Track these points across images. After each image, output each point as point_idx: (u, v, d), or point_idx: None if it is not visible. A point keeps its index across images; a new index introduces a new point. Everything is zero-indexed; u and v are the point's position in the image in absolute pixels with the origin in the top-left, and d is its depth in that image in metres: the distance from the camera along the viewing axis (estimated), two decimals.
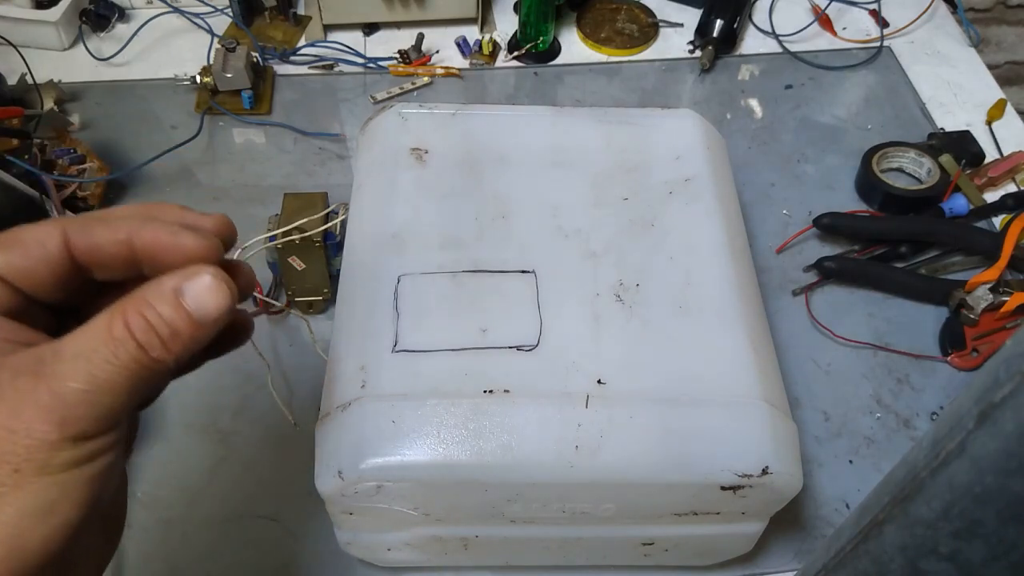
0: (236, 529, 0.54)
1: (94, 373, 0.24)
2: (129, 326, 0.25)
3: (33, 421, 0.23)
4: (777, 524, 0.50)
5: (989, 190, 0.74)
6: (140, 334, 0.25)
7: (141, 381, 0.25)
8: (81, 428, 0.24)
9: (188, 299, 0.26)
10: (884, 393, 0.62)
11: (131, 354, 0.25)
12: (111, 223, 0.28)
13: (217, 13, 0.84)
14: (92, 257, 0.27)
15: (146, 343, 0.25)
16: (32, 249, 0.26)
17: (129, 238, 0.27)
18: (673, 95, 0.83)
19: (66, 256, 0.27)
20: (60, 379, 0.24)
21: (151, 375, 0.25)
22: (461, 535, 0.47)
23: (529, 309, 0.47)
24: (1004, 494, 0.21)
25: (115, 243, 0.27)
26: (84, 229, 0.27)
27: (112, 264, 0.28)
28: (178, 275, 0.26)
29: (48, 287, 0.27)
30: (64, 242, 0.27)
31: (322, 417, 0.44)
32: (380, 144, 0.56)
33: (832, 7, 0.88)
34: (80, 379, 0.24)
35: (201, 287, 0.26)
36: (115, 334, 0.25)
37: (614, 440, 0.42)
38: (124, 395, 0.25)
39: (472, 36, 0.85)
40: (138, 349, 0.25)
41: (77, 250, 0.27)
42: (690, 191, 0.54)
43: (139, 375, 0.25)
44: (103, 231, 0.27)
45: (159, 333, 0.25)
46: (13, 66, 0.74)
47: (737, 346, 0.46)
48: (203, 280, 0.26)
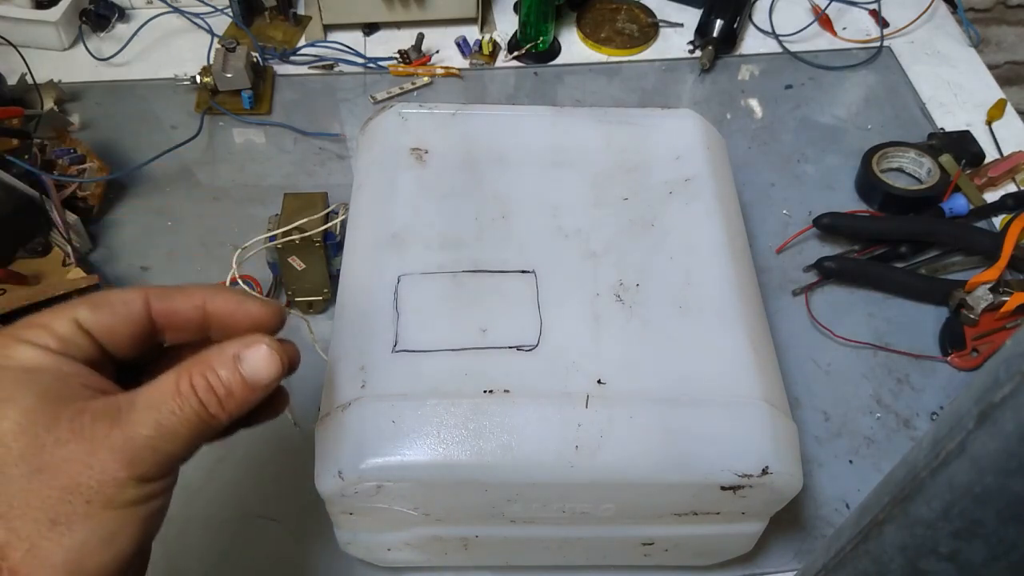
0: (236, 529, 0.54)
1: (161, 423, 0.28)
2: (193, 384, 0.29)
3: (107, 460, 0.27)
4: (777, 524, 0.50)
5: (989, 190, 0.74)
6: (202, 392, 0.29)
7: (199, 433, 0.29)
8: (146, 470, 0.27)
9: (245, 365, 0.30)
10: (884, 393, 0.62)
11: (193, 409, 0.29)
12: (187, 291, 0.32)
13: (217, 13, 0.84)
14: (168, 320, 0.32)
15: (206, 401, 0.29)
16: (119, 309, 0.30)
17: (203, 303, 0.32)
18: (673, 95, 0.83)
19: (147, 318, 0.31)
20: (133, 426, 0.27)
21: (207, 429, 0.29)
22: (461, 535, 0.47)
23: (529, 309, 0.47)
24: (1004, 494, 0.21)
25: (191, 308, 0.32)
26: (164, 295, 0.32)
27: (186, 327, 0.32)
28: (239, 343, 0.30)
29: (125, 344, 0.31)
30: (146, 305, 0.31)
31: (322, 417, 0.44)
32: (380, 144, 0.56)
33: (832, 7, 0.88)
34: (149, 427, 0.28)
35: (257, 355, 0.30)
36: (181, 390, 0.29)
37: (614, 440, 0.42)
38: (183, 444, 0.29)
39: (472, 36, 0.85)
40: (200, 405, 0.29)
41: (156, 313, 0.31)
42: (690, 191, 0.54)
43: (198, 428, 0.29)
44: (181, 297, 0.32)
45: (217, 393, 0.29)
46: (13, 66, 0.74)
47: (737, 346, 0.46)
48: (260, 349, 0.30)
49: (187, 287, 0.32)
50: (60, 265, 0.61)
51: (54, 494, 0.26)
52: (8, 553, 0.26)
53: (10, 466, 0.26)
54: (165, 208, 0.70)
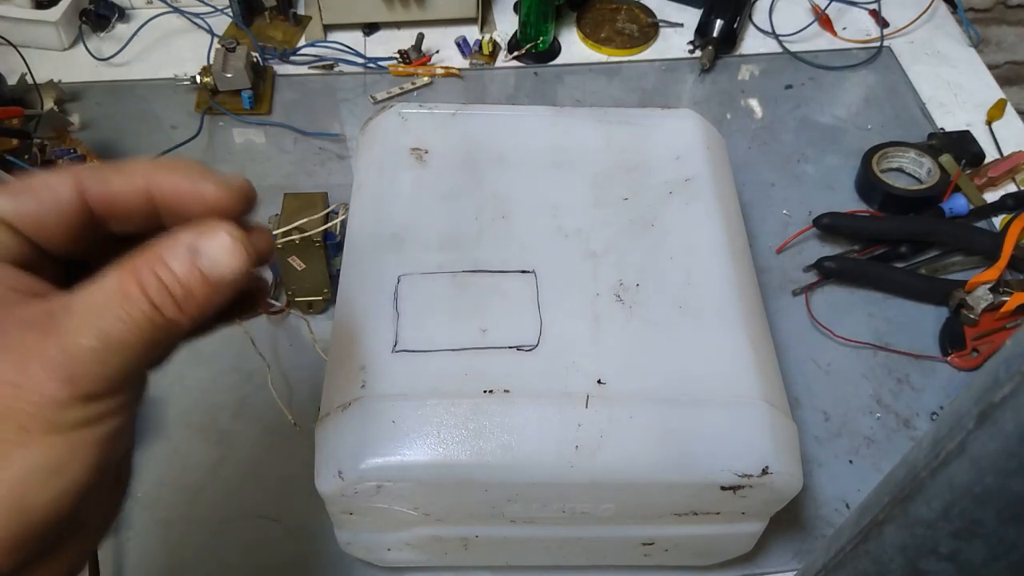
0: (236, 529, 0.54)
1: (105, 330, 0.23)
2: (142, 284, 0.24)
3: (41, 378, 0.22)
4: (777, 524, 0.50)
5: (989, 190, 0.74)
6: (153, 293, 0.24)
7: (153, 341, 0.24)
8: (91, 387, 0.23)
9: (204, 259, 0.25)
10: (884, 393, 0.62)
11: (144, 313, 0.24)
12: (128, 171, 0.26)
13: (217, 13, 0.84)
14: (107, 207, 0.26)
15: (159, 303, 0.24)
16: (43, 195, 0.25)
17: (147, 186, 0.26)
18: (673, 95, 0.83)
19: (79, 204, 0.26)
20: (71, 335, 0.23)
21: (164, 335, 0.24)
22: (461, 535, 0.47)
23: (529, 309, 0.47)
24: (1004, 494, 0.21)
25: (132, 191, 0.26)
26: (99, 177, 0.26)
27: (129, 214, 0.27)
28: (194, 232, 0.25)
29: (59, 237, 0.26)
30: (77, 189, 0.26)
31: (322, 417, 0.44)
32: (380, 144, 0.56)
33: (832, 7, 0.88)
34: (91, 336, 0.23)
35: (218, 247, 0.25)
36: (128, 291, 0.24)
37: (614, 440, 0.42)
38: (136, 355, 0.24)
39: (472, 36, 0.85)
40: (151, 308, 0.24)
41: (92, 199, 0.26)
42: (690, 191, 0.54)
43: (152, 334, 0.24)
44: (119, 179, 0.26)
45: (173, 293, 0.24)
46: (13, 66, 0.74)
47: (737, 346, 0.46)
48: (220, 239, 0.25)
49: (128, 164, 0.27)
50: None
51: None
52: None
53: None
54: None
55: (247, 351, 0.58)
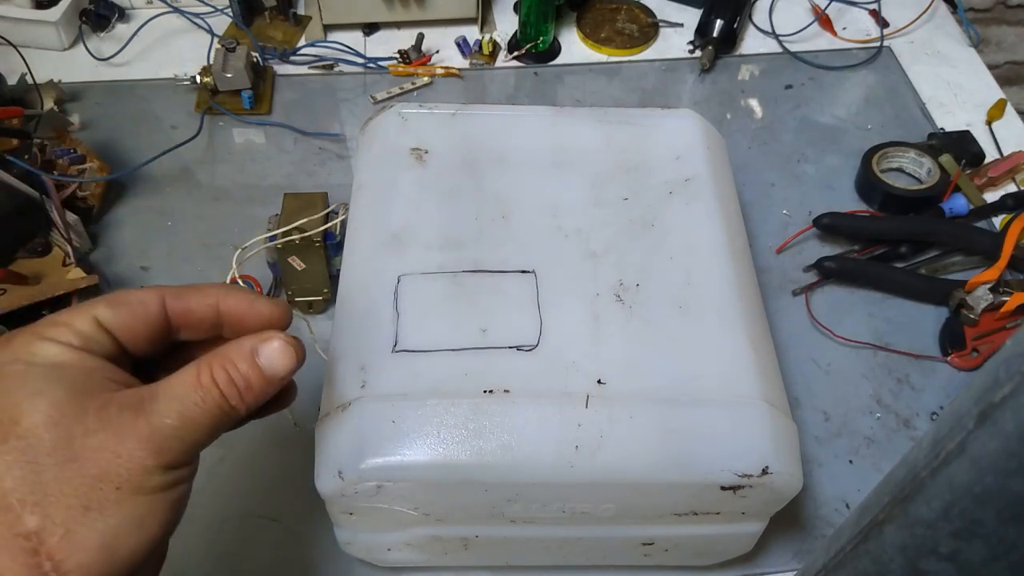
0: (236, 529, 0.54)
1: (184, 413, 0.30)
2: (215, 377, 0.31)
3: (134, 448, 0.28)
4: (777, 524, 0.50)
5: (989, 190, 0.74)
6: (223, 385, 0.31)
7: (219, 423, 0.31)
8: (172, 458, 0.29)
9: (262, 358, 0.32)
10: (884, 393, 0.62)
11: (215, 400, 0.31)
12: (202, 290, 0.34)
13: (217, 13, 0.84)
14: (183, 319, 0.33)
15: (227, 393, 0.31)
16: (136, 308, 0.32)
17: (216, 303, 0.34)
18: (673, 95, 0.83)
19: (163, 316, 0.33)
20: (157, 416, 0.29)
21: (227, 419, 0.31)
22: (461, 535, 0.47)
23: (529, 309, 0.47)
24: (1004, 494, 0.21)
25: (204, 307, 0.34)
26: (179, 294, 0.33)
27: (200, 325, 0.34)
28: (255, 338, 0.32)
29: (142, 341, 0.32)
30: (162, 304, 0.33)
31: (322, 417, 0.44)
32: (380, 144, 0.56)
33: (832, 7, 0.88)
34: (173, 417, 0.29)
35: (273, 349, 0.32)
36: (203, 382, 0.31)
37: (614, 440, 0.42)
38: (205, 433, 0.31)
39: (472, 36, 0.85)
40: (221, 397, 0.31)
41: (172, 312, 0.33)
42: (690, 191, 0.54)
43: (218, 418, 0.31)
44: (196, 296, 0.34)
45: (238, 385, 0.31)
46: (13, 66, 0.73)
47: (737, 346, 0.46)
48: (275, 343, 0.32)
49: (201, 286, 0.34)
50: (60, 265, 0.61)
51: (86, 481, 0.28)
52: (45, 538, 0.27)
53: (43, 456, 0.28)
54: (165, 208, 0.70)
55: None
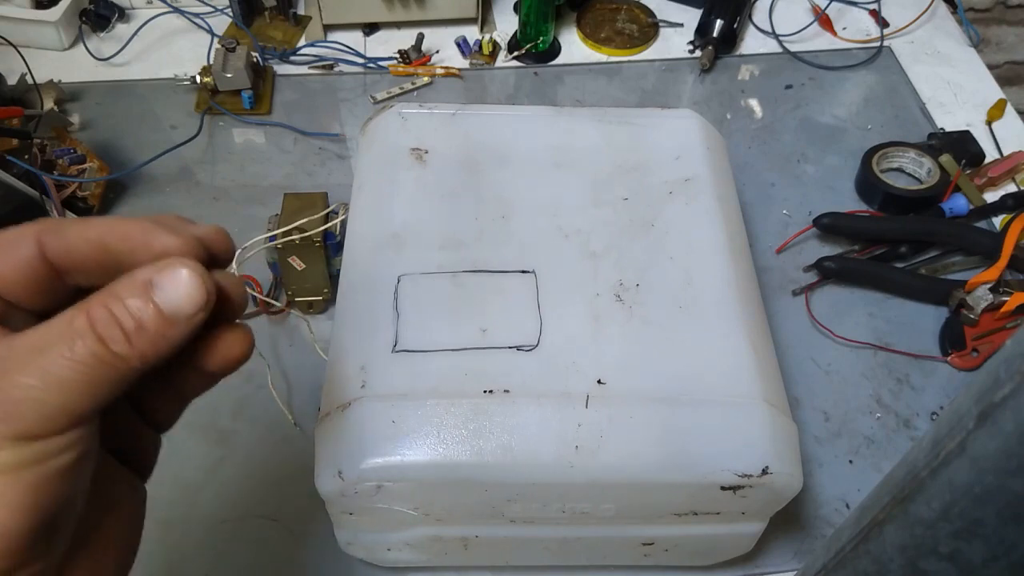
0: (236, 529, 0.54)
1: (46, 368, 0.22)
2: (91, 318, 0.23)
3: None
4: (777, 524, 0.50)
5: (989, 190, 0.74)
6: (101, 326, 0.23)
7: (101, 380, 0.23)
8: (28, 426, 0.22)
9: (158, 292, 0.24)
10: (884, 393, 0.62)
11: (89, 348, 0.23)
12: (87, 223, 0.26)
13: (217, 13, 0.84)
14: (66, 259, 0.26)
15: (107, 336, 0.23)
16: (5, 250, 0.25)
17: (101, 237, 0.26)
18: (673, 95, 0.83)
19: (39, 258, 0.25)
20: (8, 374, 0.22)
21: (112, 374, 0.23)
22: (461, 535, 0.47)
23: (529, 309, 0.47)
24: (1004, 494, 0.21)
25: (86, 242, 0.26)
26: (57, 230, 0.26)
27: (86, 265, 0.26)
28: (152, 267, 0.24)
29: (23, 290, 0.26)
30: (37, 244, 0.25)
31: (322, 417, 0.44)
32: (380, 144, 0.56)
33: (832, 7, 0.88)
34: (30, 374, 0.22)
35: (174, 280, 0.24)
36: (75, 326, 0.23)
37: (614, 440, 0.42)
38: (80, 394, 0.23)
39: (472, 36, 0.85)
40: (97, 342, 0.23)
41: (50, 252, 0.26)
42: (690, 191, 0.54)
43: (98, 372, 0.23)
44: (76, 231, 0.26)
45: (123, 325, 0.23)
46: (13, 66, 0.73)
47: (737, 346, 0.46)
48: (177, 273, 0.24)
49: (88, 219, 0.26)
50: None
51: None
52: None
53: None
54: (165, 208, 0.70)
55: None
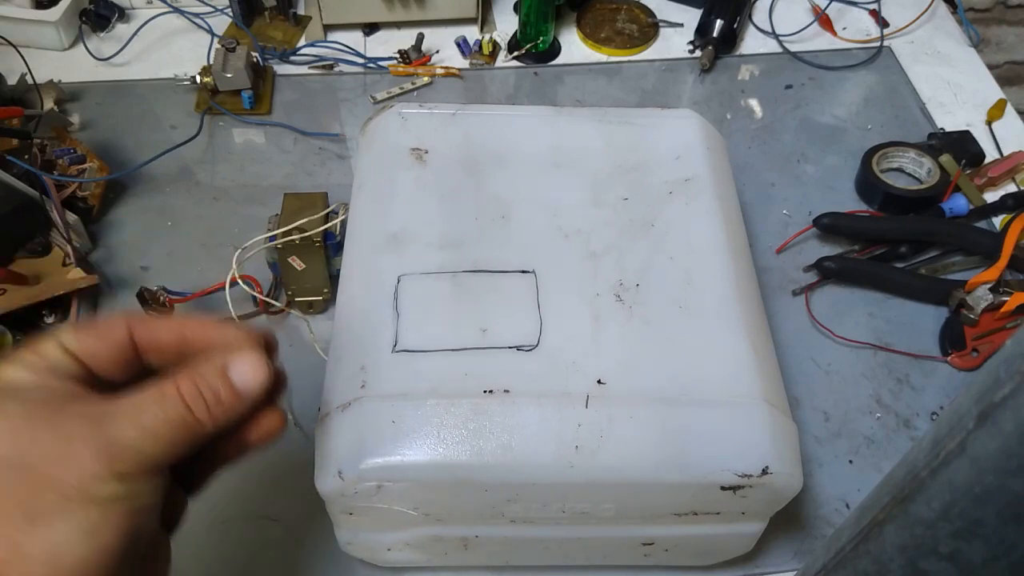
0: (236, 529, 0.54)
1: (144, 423, 0.29)
2: (180, 389, 0.30)
3: (85, 457, 0.28)
4: (777, 524, 0.50)
5: (989, 190, 0.74)
6: (188, 396, 0.30)
7: (182, 437, 0.30)
8: (126, 467, 0.28)
9: (233, 372, 0.32)
10: (884, 393, 0.62)
11: (178, 412, 0.30)
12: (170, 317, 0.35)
13: (217, 13, 0.84)
14: (149, 344, 0.33)
15: (192, 404, 0.30)
16: (102, 332, 0.32)
17: (181, 329, 0.33)
18: (673, 95, 0.83)
19: (128, 340, 0.33)
20: (115, 426, 0.29)
21: (191, 434, 0.30)
22: (461, 535, 0.47)
23: (529, 309, 0.47)
24: (1004, 494, 0.21)
25: (169, 332, 0.33)
26: (145, 321, 0.33)
27: (165, 350, 0.33)
28: (226, 351, 0.32)
29: (110, 365, 0.32)
30: (127, 329, 0.33)
31: (322, 417, 0.44)
32: (380, 144, 0.56)
33: (832, 7, 0.88)
34: (131, 427, 0.29)
35: (245, 363, 0.32)
36: (166, 393, 0.30)
37: (614, 440, 0.42)
38: (167, 445, 0.29)
39: (472, 36, 0.85)
40: (185, 408, 0.30)
41: (137, 336, 0.33)
42: (690, 191, 0.54)
43: (181, 431, 0.30)
44: (160, 322, 0.34)
45: (205, 397, 0.31)
46: (13, 66, 0.73)
47: (737, 346, 0.46)
48: (247, 356, 0.32)
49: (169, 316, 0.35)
50: (60, 265, 0.61)
51: (31, 490, 0.27)
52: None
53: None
54: (165, 208, 0.70)
55: None
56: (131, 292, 0.60)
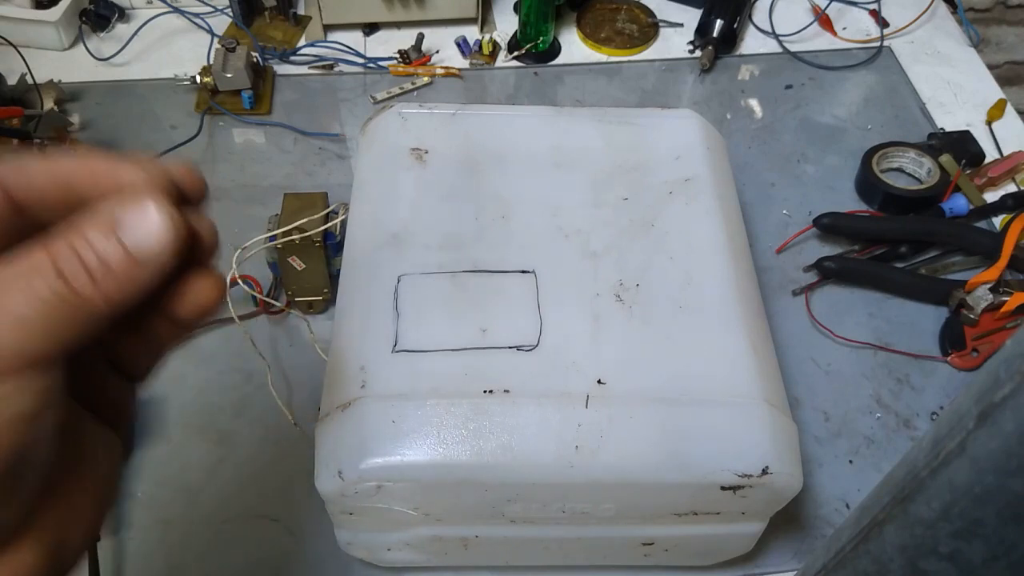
0: (236, 529, 0.54)
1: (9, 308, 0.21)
2: (51, 254, 0.22)
3: None
4: (777, 524, 0.50)
5: (989, 190, 0.74)
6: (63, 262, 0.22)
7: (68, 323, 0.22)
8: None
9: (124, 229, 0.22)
10: (884, 393, 0.62)
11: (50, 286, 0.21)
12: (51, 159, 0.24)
13: (217, 13, 0.84)
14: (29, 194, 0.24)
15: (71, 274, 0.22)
16: None
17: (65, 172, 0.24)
18: (673, 95, 0.83)
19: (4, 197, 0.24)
20: None
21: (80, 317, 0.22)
22: (461, 535, 0.47)
23: (529, 309, 0.47)
24: (1004, 494, 0.21)
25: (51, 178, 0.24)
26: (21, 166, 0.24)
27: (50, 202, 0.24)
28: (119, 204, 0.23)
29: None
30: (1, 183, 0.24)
31: (322, 417, 0.44)
32: (380, 144, 0.56)
33: (832, 7, 0.88)
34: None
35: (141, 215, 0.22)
36: (34, 263, 0.21)
37: (614, 440, 0.42)
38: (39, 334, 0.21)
39: (472, 36, 0.85)
40: (58, 280, 0.21)
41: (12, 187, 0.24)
42: (690, 191, 0.54)
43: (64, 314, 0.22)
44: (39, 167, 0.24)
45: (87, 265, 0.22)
46: (13, 66, 0.73)
47: (737, 346, 0.46)
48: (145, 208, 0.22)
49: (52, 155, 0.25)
50: None
51: None
52: None
53: None
54: None
55: (247, 351, 0.58)
56: None
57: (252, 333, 0.58)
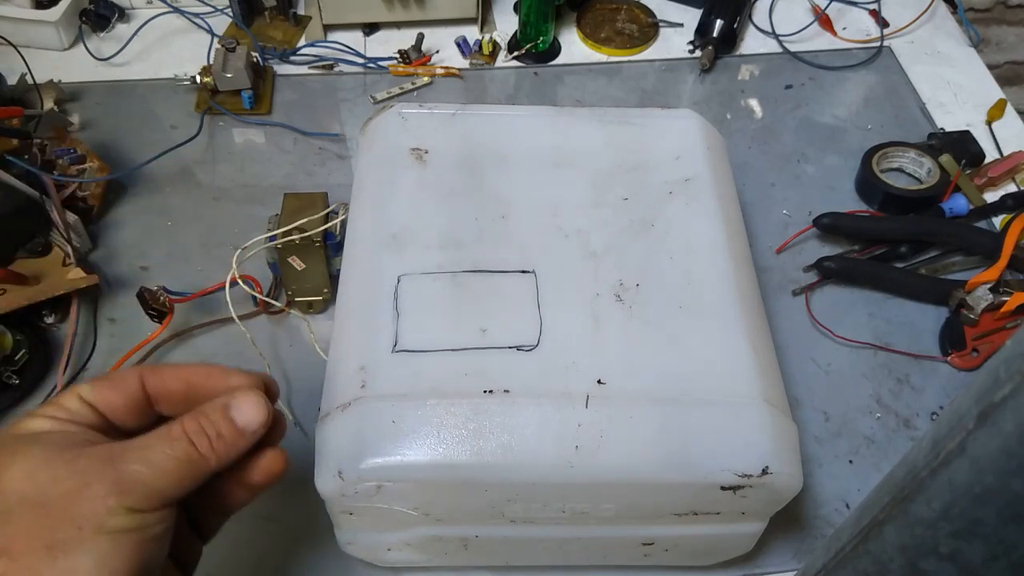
0: (236, 529, 0.54)
1: (151, 460, 0.32)
2: (185, 428, 0.34)
3: (98, 491, 0.30)
4: (777, 524, 0.50)
5: (989, 190, 0.74)
6: (192, 433, 0.33)
7: (189, 472, 0.33)
8: (135, 501, 0.31)
9: (234, 411, 0.35)
10: (884, 393, 0.62)
11: (184, 449, 0.33)
12: (177, 366, 0.37)
13: (217, 13, 0.84)
14: (159, 392, 0.36)
15: (197, 441, 0.33)
16: (116, 383, 0.36)
17: (188, 376, 0.37)
18: (673, 95, 0.83)
19: (140, 390, 0.36)
20: (125, 463, 0.32)
21: (197, 469, 0.33)
22: (461, 535, 0.47)
23: (529, 309, 0.47)
24: (1004, 494, 0.21)
25: (176, 379, 0.37)
26: (156, 370, 0.37)
27: (173, 397, 0.37)
28: (229, 394, 0.36)
29: (124, 413, 0.36)
30: (139, 379, 0.36)
31: (322, 417, 0.44)
32: (380, 144, 0.56)
33: (832, 7, 0.88)
34: (140, 463, 0.32)
35: (245, 403, 0.35)
36: (172, 433, 0.33)
37: (614, 440, 0.42)
38: (174, 481, 0.32)
39: (472, 36, 0.85)
40: (189, 444, 0.33)
41: (149, 385, 0.36)
42: (690, 191, 0.54)
43: (187, 467, 0.33)
44: (169, 370, 0.37)
45: (208, 434, 0.34)
46: (13, 66, 0.73)
47: (737, 346, 0.46)
48: (248, 397, 0.36)
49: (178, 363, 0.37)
50: (60, 265, 0.61)
51: (50, 524, 0.30)
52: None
53: (15, 506, 0.30)
54: (165, 208, 0.70)
55: (247, 351, 0.58)
56: (131, 292, 0.60)
57: (252, 333, 0.58)
